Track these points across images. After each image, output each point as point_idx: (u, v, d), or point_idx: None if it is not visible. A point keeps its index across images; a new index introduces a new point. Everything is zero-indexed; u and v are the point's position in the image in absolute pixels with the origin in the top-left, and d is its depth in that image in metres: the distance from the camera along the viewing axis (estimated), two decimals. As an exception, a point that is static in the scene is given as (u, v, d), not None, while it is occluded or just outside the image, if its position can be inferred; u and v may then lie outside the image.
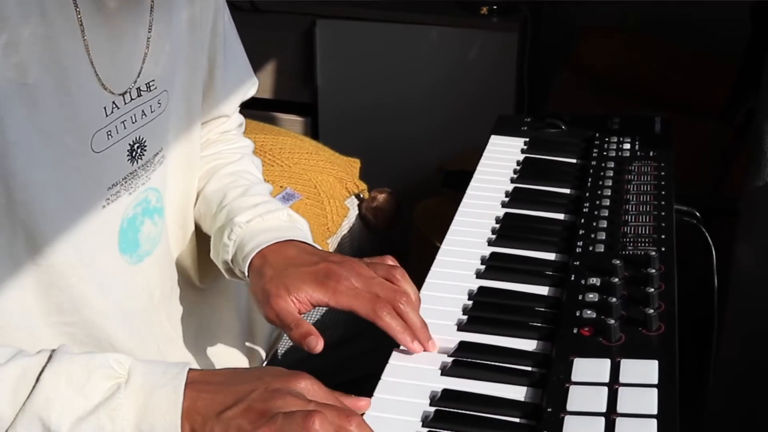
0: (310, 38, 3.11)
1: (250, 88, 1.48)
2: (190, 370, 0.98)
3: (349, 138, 3.00)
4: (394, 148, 3.11)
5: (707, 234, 1.54)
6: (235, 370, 1.03)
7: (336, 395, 1.00)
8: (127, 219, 1.19)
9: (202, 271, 1.41)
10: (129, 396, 0.95)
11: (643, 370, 1.03)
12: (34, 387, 0.94)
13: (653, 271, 1.19)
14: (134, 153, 1.16)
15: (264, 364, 1.29)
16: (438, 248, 1.33)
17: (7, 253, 1.05)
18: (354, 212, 2.28)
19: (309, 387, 0.98)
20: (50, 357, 0.96)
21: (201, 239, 1.40)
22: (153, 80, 1.17)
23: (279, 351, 1.52)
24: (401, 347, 1.14)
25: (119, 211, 1.17)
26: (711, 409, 1.89)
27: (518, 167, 1.58)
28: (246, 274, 1.24)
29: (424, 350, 1.14)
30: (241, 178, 1.40)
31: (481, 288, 1.25)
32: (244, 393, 0.96)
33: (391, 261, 1.22)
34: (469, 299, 1.23)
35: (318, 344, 1.11)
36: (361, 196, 2.29)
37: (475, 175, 1.56)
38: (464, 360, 1.11)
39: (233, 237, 1.28)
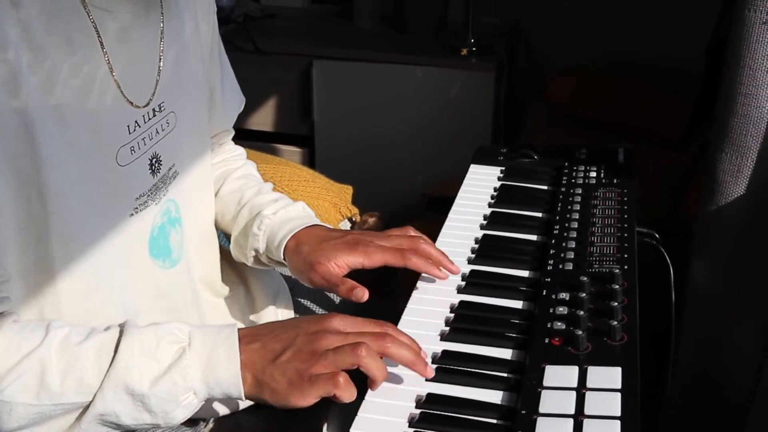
0: (307, 77, 3.11)
1: (241, 103, 1.54)
2: (239, 329, 1.06)
3: (343, 167, 3.01)
4: (383, 176, 3.12)
5: (665, 253, 1.54)
6: (274, 323, 1.11)
7: (363, 321, 1.08)
8: (157, 226, 1.21)
9: (224, 280, 1.43)
10: (194, 356, 1.03)
11: (608, 376, 1.03)
12: (113, 357, 1.02)
13: (617, 286, 1.19)
14: (153, 167, 1.18)
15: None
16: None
17: (41, 260, 1.06)
18: (347, 234, 2.28)
19: (340, 322, 1.07)
20: (122, 331, 1.04)
21: (223, 250, 1.44)
22: (163, 102, 1.19)
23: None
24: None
25: (148, 219, 1.19)
26: (669, 410, 1.89)
27: (495, 193, 1.58)
28: (282, 257, 1.32)
29: (451, 273, 1.28)
30: (251, 180, 1.48)
31: (461, 302, 1.25)
32: (289, 340, 1.05)
33: (412, 232, 1.32)
34: (450, 312, 1.23)
35: (364, 294, 1.19)
36: (353, 219, 2.30)
37: (457, 200, 1.56)
38: (446, 367, 1.11)
39: (263, 227, 1.36)
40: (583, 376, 1.03)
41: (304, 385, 1.02)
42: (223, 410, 1.26)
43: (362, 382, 1.05)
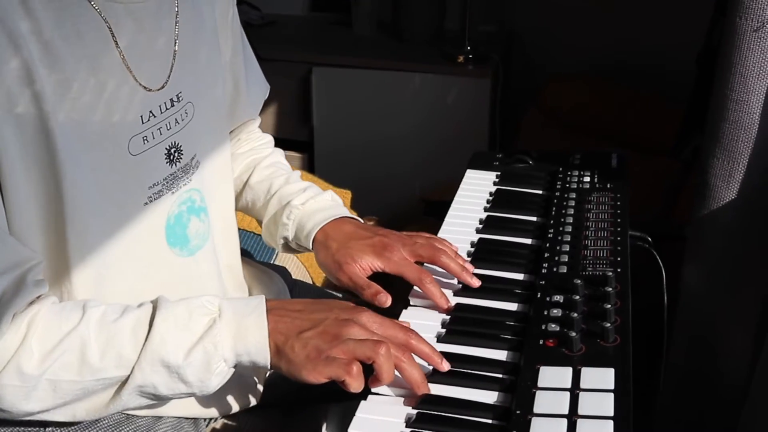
0: (307, 84, 3.12)
1: (266, 91, 1.55)
2: (267, 300, 1.08)
3: (342, 172, 3.01)
4: (381, 180, 3.12)
5: (658, 257, 1.54)
6: (308, 301, 1.13)
7: (391, 323, 1.11)
8: (173, 215, 1.20)
9: (244, 269, 1.44)
10: (224, 326, 1.06)
11: (601, 377, 1.03)
12: (149, 331, 1.04)
13: (610, 289, 1.19)
14: (171, 156, 1.18)
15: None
16: (420, 269, 1.34)
17: (59, 247, 1.07)
18: (346, 238, 2.28)
19: (368, 319, 1.09)
20: (155, 307, 1.07)
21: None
22: (180, 92, 1.18)
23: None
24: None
25: (164, 208, 1.18)
26: (662, 410, 1.89)
27: (491, 198, 1.58)
28: (310, 247, 1.35)
29: (470, 286, 1.28)
30: (279, 169, 1.49)
31: (458, 304, 1.25)
32: (319, 320, 1.08)
33: (438, 243, 1.34)
34: (447, 314, 1.23)
35: (387, 300, 1.23)
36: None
37: (453, 205, 1.56)
38: (443, 368, 1.11)
39: (292, 217, 1.38)
40: (576, 377, 1.03)
41: (319, 362, 1.04)
42: (224, 410, 1.26)
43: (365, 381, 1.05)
